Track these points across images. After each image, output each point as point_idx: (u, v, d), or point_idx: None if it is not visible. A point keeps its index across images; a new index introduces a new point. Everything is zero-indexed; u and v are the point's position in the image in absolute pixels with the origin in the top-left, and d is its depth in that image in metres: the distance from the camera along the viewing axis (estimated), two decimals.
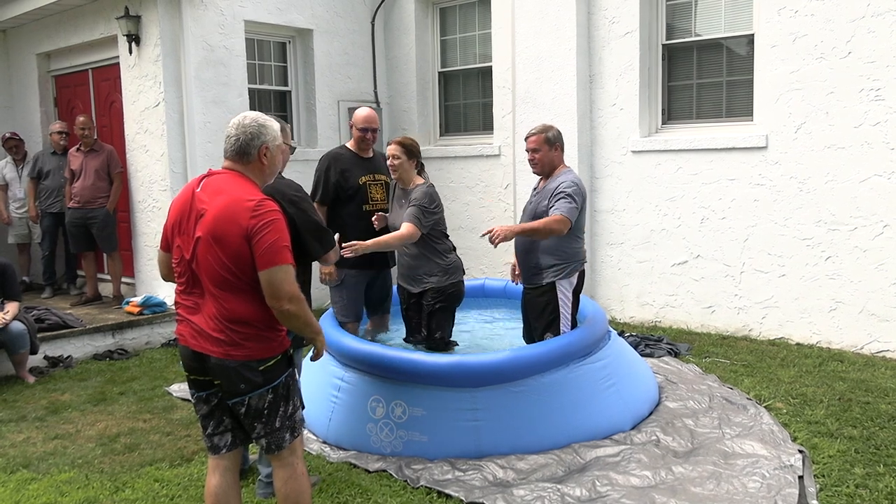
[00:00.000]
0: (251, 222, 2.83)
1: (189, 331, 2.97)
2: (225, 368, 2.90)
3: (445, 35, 8.94)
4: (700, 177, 6.89)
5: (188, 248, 2.92)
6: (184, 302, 3.01)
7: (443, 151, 8.76)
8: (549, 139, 4.61)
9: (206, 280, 2.90)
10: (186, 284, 2.98)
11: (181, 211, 2.98)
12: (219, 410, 3.05)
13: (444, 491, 3.82)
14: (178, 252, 2.98)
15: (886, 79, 5.85)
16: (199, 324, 2.93)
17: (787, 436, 4.33)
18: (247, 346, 2.90)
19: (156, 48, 7.19)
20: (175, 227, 3.00)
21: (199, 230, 2.88)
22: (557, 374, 4.36)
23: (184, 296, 3.00)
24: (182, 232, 2.96)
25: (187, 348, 2.99)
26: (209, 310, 2.91)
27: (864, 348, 6.12)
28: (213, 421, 3.06)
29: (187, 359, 3.01)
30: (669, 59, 7.24)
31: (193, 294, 2.96)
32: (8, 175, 8.46)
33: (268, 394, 2.96)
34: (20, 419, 5.17)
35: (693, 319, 7.05)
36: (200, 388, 3.04)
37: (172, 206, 3.06)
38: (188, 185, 3.07)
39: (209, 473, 3.10)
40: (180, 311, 3.03)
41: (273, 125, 3.11)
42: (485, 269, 8.45)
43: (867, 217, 6.03)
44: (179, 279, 3.01)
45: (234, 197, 2.89)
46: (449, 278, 4.76)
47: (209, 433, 3.07)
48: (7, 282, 6.05)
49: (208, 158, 7.39)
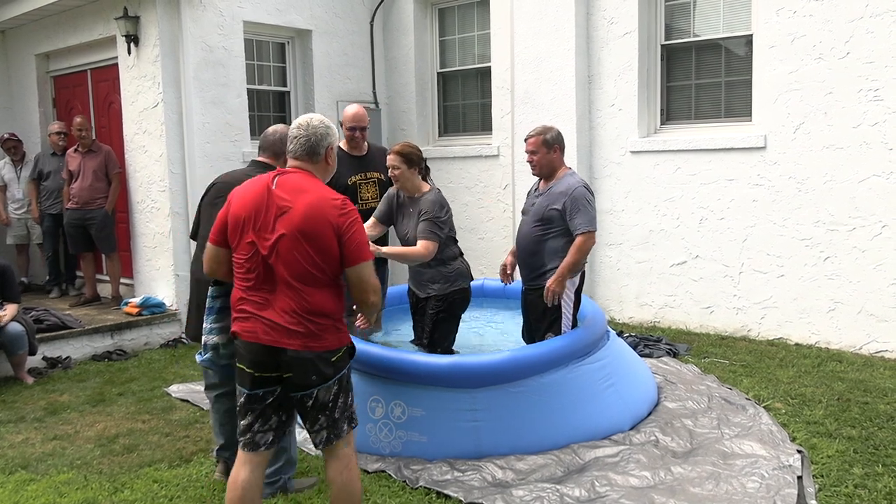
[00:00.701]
0: (340, 220, 2.94)
1: (261, 327, 2.98)
2: (302, 361, 2.96)
3: (444, 35, 8.94)
4: (699, 177, 6.89)
5: (266, 244, 2.96)
6: (251, 298, 3.02)
7: (442, 152, 8.76)
8: (548, 141, 4.61)
9: (286, 275, 2.94)
10: (256, 280, 3.00)
11: (255, 207, 3.01)
12: (270, 409, 3.08)
13: (443, 491, 3.82)
14: (249, 248, 3.00)
15: (885, 79, 5.85)
16: (272, 318, 2.96)
17: (785, 436, 4.33)
18: (324, 338, 2.99)
19: (154, 49, 7.19)
20: (247, 223, 3.01)
21: (281, 227, 2.94)
22: (556, 374, 4.36)
23: (251, 292, 3.02)
24: (258, 228, 2.99)
25: (257, 344, 2.99)
26: (283, 304, 2.95)
27: (862, 348, 6.12)
28: (261, 419, 3.08)
29: (256, 354, 3.01)
30: (668, 59, 7.24)
31: (263, 290, 2.99)
32: (6, 176, 8.45)
33: (334, 385, 3.03)
34: (19, 420, 5.17)
35: (692, 320, 7.05)
36: (260, 385, 3.05)
37: (239, 203, 3.06)
38: (257, 183, 3.09)
39: (239, 467, 3.10)
40: (245, 308, 3.03)
41: (334, 128, 3.22)
42: (484, 270, 8.45)
43: (866, 217, 6.03)
44: (247, 275, 3.02)
45: (319, 195, 2.99)
46: (451, 286, 4.70)
47: (254, 430, 3.09)
48: (6, 283, 6.05)
49: (207, 159, 7.39)
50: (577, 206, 4.45)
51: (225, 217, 3.12)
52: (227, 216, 3.10)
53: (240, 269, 3.05)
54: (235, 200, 3.10)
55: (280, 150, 3.88)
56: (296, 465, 3.98)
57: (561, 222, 4.50)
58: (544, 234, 4.56)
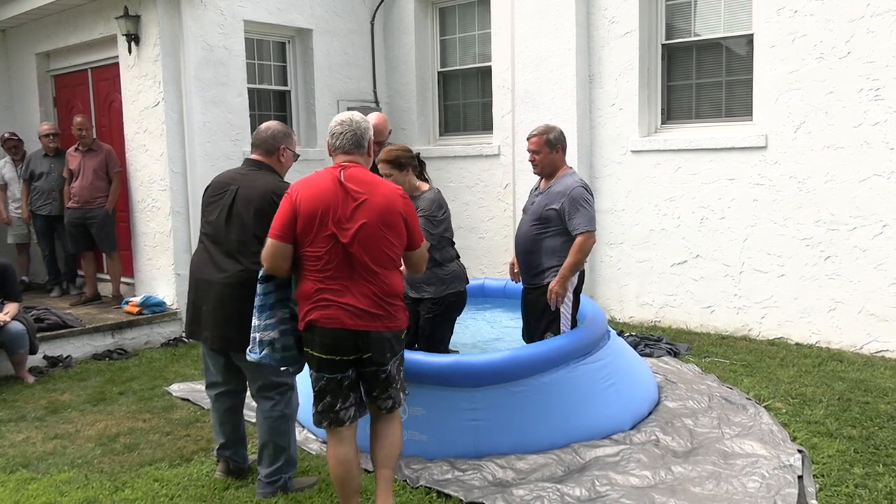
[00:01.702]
0: (406, 208, 3.35)
1: (343, 313, 3.21)
2: (382, 340, 3.28)
3: (445, 35, 8.94)
4: (699, 177, 6.89)
5: (347, 234, 3.19)
6: (330, 286, 3.22)
7: (442, 151, 8.76)
8: (550, 141, 4.61)
9: (367, 261, 3.22)
10: (335, 269, 3.22)
11: (330, 201, 3.22)
12: (348, 388, 3.34)
13: (443, 491, 3.82)
14: (328, 241, 3.20)
15: (886, 79, 5.85)
16: (354, 304, 3.22)
17: (786, 436, 4.33)
18: (398, 318, 3.34)
19: (155, 48, 7.19)
20: (324, 216, 3.21)
21: (361, 216, 3.21)
22: (557, 373, 4.36)
23: (329, 281, 3.22)
24: (337, 220, 3.20)
25: (342, 329, 3.22)
26: (363, 289, 3.23)
27: (863, 348, 6.12)
28: (341, 399, 3.33)
29: (340, 340, 3.23)
30: (669, 58, 7.24)
31: (341, 278, 3.22)
32: (7, 175, 8.46)
33: (398, 359, 3.41)
34: (20, 419, 5.17)
35: (692, 319, 7.05)
36: (339, 369, 3.30)
37: (311, 200, 3.22)
38: (322, 179, 3.28)
39: (334, 445, 3.36)
40: (325, 297, 3.22)
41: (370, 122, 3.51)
42: (484, 269, 8.45)
43: (866, 217, 6.03)
44: (326, 266, 3.22)
45: (387, 185, 3.38)
46: (447, 288, 4.66)
47: (336, 410, 3.33)
48: (7, 282, 6.05)
49: (207, 158, 7.39)
50: (575, 206, 4.45)
51: (292, 214, 3.24)
52: (295, 213, 3.23)
53: (316, 261, 3.23)
54: (305, 198, 3.23)
55: (273, 146, 3.87)
56: (296, 465, 3.98)
57: (559, 222, 4.51)
58: (542, 233, 4.56)
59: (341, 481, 3.37)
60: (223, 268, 3.73)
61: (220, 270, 3.74)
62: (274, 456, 3.84)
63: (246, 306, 3.59)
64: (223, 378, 3.95)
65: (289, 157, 3.94)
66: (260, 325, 3.43)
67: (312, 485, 3.95)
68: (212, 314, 3.76)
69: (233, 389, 3.99)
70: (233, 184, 3.82)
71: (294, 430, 3.95)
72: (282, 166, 3.92)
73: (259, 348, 3.45)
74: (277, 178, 3.85)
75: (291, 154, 3.95)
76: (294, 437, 3.94)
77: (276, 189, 3.68)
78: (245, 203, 3.71)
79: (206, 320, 3.80)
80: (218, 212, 3.81)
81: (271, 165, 3.89)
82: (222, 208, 3.79)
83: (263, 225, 3.61)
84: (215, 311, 3.75)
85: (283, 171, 3.95)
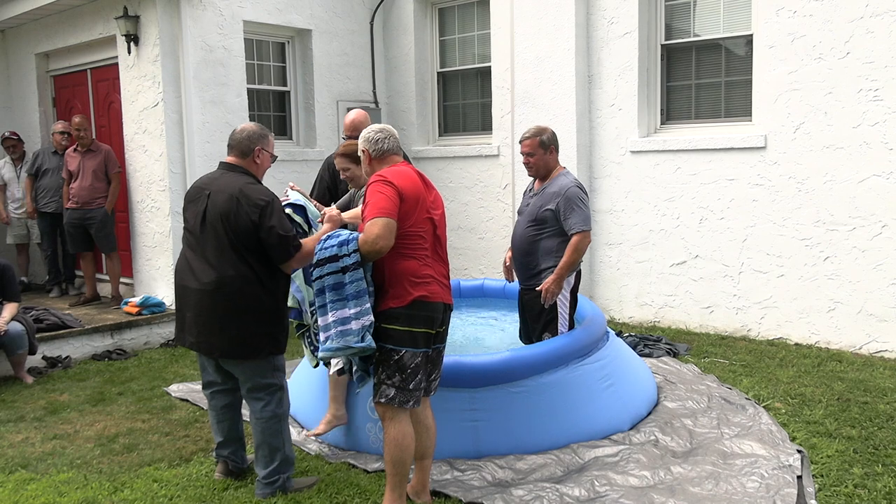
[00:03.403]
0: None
1: (441, 288, 3.55)
2: (450, 313, 3.66)
3: (444, 35, 8.94)
4: (699, 177, 6.89)
5: (437, 219, 3.60)
6: (430, 264, 3.55)
7: (442, 151, 8.76)
8: (544, 142, 4.63)
9: (444, 242, 3.67)
10: (430, 249, 3.56)
11: (422, 189, 3.55)
12: (430, 361, 3.61)
13: (442, 491, 3.82)
14: (427, 223, 3.54)
15: (885, 79, 5.86)
16: (443, 280, 3.59)
17: (785, 436, 4.34)
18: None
19: (154, 48, 7.19)
20: (421, 201, 3.52)
21: (438, 206, 3.65)
22: (556, 374, 4.36)
23: (430, 260, 3.55)
24: (429, 206, 3.56)
25: (441, 303, 3.54)
26: (443, 268, 3.62)
27: (862, 348, 6.12)
28: (428, 370, 3.60)
29: (438, 312, 3.53)
30: (668, 59, 7.24)
31: (433, 257, 3.57)
32: (6, 175, 8.45)
33: None
34: (18, 419, 5.17)
35: (692, 319, 7.05)
36: (433, 342, 3.57)
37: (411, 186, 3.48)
38: (410, 171, 3.58)
39: (406, 423, 3.51)
40: (429, 273, 3.52)
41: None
42: (484, 270, 8.45)
43: (866, 217, 6.03)
44: (425, 244, 3.53)
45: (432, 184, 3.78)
46: None
47: (428, 381, 3.62)
48: (6, 282, 6.04)
49: (207, 158, 7.38)
50: (570, 206, 4.46)
51: (398, 196, 3.43)
52: (399, 195, 3.43)
53: (419, 239, 3.51)
54: (405, 185, 3.48)
55: (248, 148, 3.83)
56: (293, 465, 3.97)
57: (555, 222, 4.52)
58: (538, 234, 4.57)
59: (410, 456, 3.52)
60: (200, 275, 3.71)
61: (197, 278, 3.73)
62: (269, 456, 3.83)
63: (227, 313, 3.60)
64: (219, 378, 3.95)
65: (265, 158, 3.90)
66: (353, 313, 3.39)
67: (312, 485, 3.95)
68: (195, 321, 3.76)
69: (229, 388, 3.99)
70: (206, 189, 3.79)
71: (288, 429, 3.93)
72: (258, 168, 3.88)
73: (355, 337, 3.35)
74: (249, 180, 3.79)
75: (268, 156, 3.92)
76: (288, 437, 3.93)
77: (244, 193, 3.66)
78: (216, 209, 3.69)
79: (190, 327, 3.79)
80: (193, 219, 3.79)
81: (246, 168, 3.85)
82: (197, 215, 3.77)
83: (235, 231, 3.62)
84: (197, 318, 3.75)
85: (260, 172, 3.91)
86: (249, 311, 3.69)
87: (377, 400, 3.50)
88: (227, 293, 3.65)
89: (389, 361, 3.46)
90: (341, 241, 3.45)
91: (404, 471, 3.50)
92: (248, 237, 3.66)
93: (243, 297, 3.67)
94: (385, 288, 3.49)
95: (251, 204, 3.64)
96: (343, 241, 3.44)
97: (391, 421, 3.48)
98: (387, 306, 3.46)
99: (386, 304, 3.46)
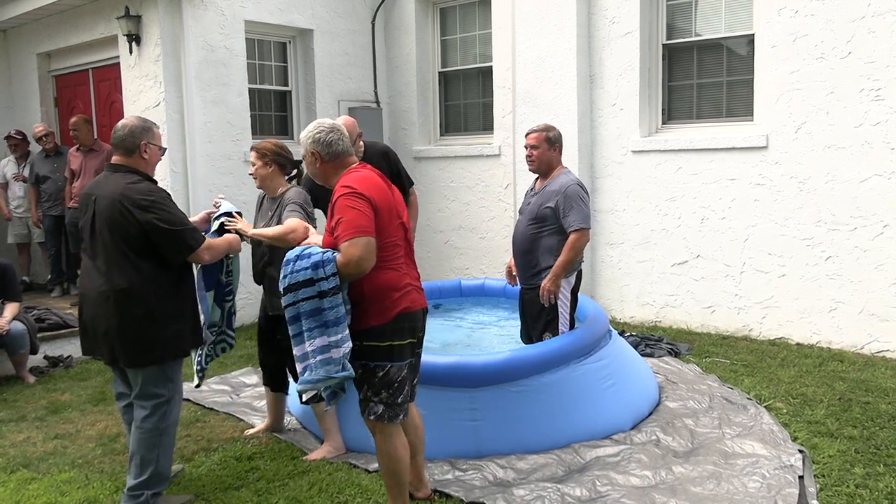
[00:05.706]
0: None
1: (419, 294, 3.44)
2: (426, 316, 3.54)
3: (446, 35, 8.94)
4: (700, 177, 6.89)
5: (406, 223, 3.46)
6: (408, 272, 3.42)
7: (443, 151, 8.76)
8: (550, 139, 4.64)
9: (412, 246, 3.53)
10: (404, 256, 3.42)
11: (390, 194, 3.40)
12: (412, 368, 3.47)
13: (444, 491, 3.82)
14: (400, 230, 3.40)
15: (886, 79, 5.85)
16: (418, 284, 3.46)
17: (787, 436, 4.33)
18: None
19: (156, 48, 7.19)
20: (392, 207, 3.36)
21: (402, 206, 3.47)
22: (557, 373, 4.36)
23: (405, 268, 3.42)
24: (398, 212, 3.40)
25: (421, 310, 3.43)
26: (414, 273, 3.47)
27: (864, 348, 6.11)
28: (411, 378, 3.46)
29: (420, 321, 3.43)
30: (670, 59, 7.24)
31: (408, 263, 3.45)
32: (9, 173, 8.47)
33: None
34: (20, 419, 5.17)
35: (693, 319, 7.05)
36: (414, 350, 3.44)
37: (380, 194, 3.30)
38: (373, 175, 3.38)
39: (399, 434, 3.42)
40: (409, 282, 3.38)
41: None
42: (485, 269, 8.45)
43: (867, 217, 6.03)
44: (400, 252, 3.38)
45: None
46: None
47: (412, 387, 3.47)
48: (7, 282, 6.05)
49: (208, 158, 7.39)
50: (570, 204, 4.46)
51: (372, 209, 3.22)
52: (374, 208, 3.23)
53: (395, 248, 3.35)
54: (377, 196, 3.28)
55: (132, 144, 3.63)
56: (167, 482, 3.74)
57: (555, 220, 4.52)
58: (538, 232, 4.58)
59: (406, 465, 3.46)
60: (94, 284, 3.58)
61: (92, 287, 3.59)
62: (140, 468, 3.61)
63: (123, 321, 3.47)
64: (129, 389, 3.76)
65: (153, 152, 3.70)
66: (334, 341, 3.15)
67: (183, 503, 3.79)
68: (94, 330, 3.62)
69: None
70: (92, 194, 3.62)
71: (168, 445, 3.69)
72: (146, 164, 3.68)
73: (336, 366, 3.14)
74: (132, 179, 3.59)
75: (156, 149, 3.71)
76: (166, 453, 3.68)
77: (125, 195, 3.50)
78: (101, 216, 3.54)
79: (91, 336, 3.66)
80: (84, 226, 3.67)
81: (132, 166, 3.64)
82: (86, 222, 3.63)
83: (124, 237, 3.48)
84: (97, 328, 3.60)
85: (150, 168, 3.71)
86: (146, 317, 3.51)
87: (366, 417, 3.38)
88: (119, 301, 3.48)
89: (374, 378, 3.31)
90: (314, 262, 3.14)
91: (402, 480, 3.44)
92: (137, 240, 3.50)
93: (135, 304, 3.49)
94: (364, 305, 3.26)
95: (134, 205, 3.47)
96: (316, 262, 3.14)
97: (382, 434, 3.38)
98: (369, 325, 3.25)
99: (368, 322, 3.26)
